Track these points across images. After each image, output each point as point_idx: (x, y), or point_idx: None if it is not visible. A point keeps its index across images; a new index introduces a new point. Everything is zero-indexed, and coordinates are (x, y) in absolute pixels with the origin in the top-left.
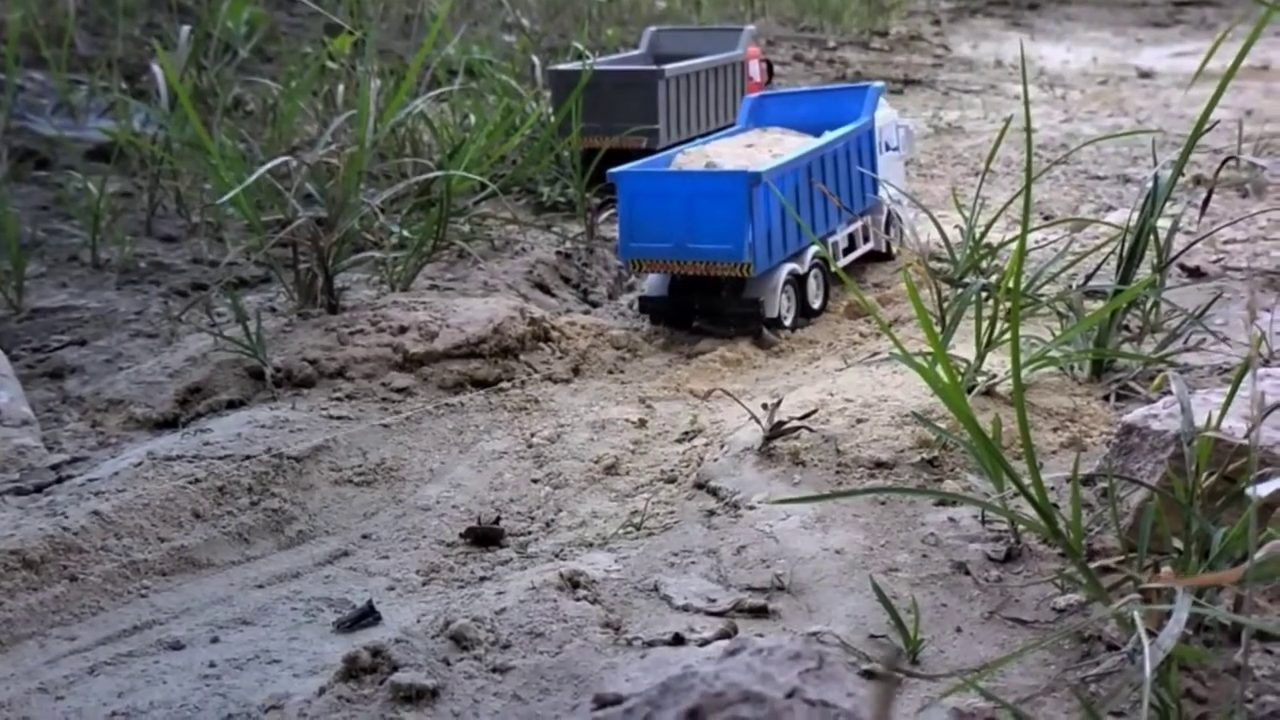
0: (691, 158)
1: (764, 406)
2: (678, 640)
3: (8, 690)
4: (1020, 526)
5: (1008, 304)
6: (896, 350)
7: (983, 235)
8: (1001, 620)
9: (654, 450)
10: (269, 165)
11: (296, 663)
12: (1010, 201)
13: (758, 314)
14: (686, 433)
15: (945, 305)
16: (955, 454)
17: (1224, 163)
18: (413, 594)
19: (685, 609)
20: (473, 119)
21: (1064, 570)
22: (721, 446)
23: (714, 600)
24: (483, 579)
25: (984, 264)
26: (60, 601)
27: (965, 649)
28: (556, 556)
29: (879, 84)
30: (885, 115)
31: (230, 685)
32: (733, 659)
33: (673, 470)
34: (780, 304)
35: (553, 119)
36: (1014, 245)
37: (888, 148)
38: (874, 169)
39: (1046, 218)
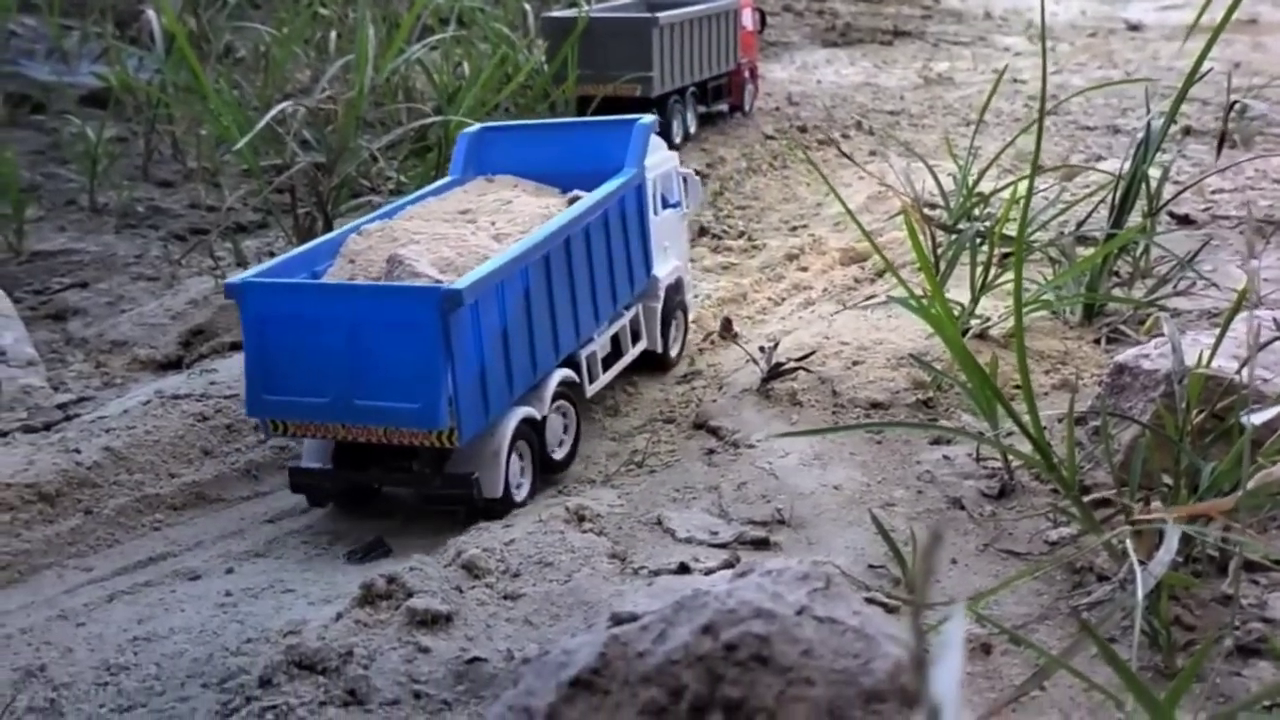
0: (370, 242)
1: (761, 349)
2: (683, 569)
3: (29, 617)
4: (1014, 463)
5: (1001, 250)
6: (893, 294)
7: (975, 183)
8: (996, 553)
9: (652, 392)
10: (274, 111)
11: (310, 591)
12: (1002, 151)
13: (470, 496)
14: (685, 375)
15: (940, 251)
16: (949, 395)
17: (1230, 108)
18: (421, 524)
19: (689, 541)
20: (466, 67)
21: (1057, 504)
22: (720, 388)
23: (716, 533)
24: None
25: (976, 211)
26: (76, 534)
27: (961, 580)
28: (561, 493)
29: (648, 118)
30: (660, 161)
31: (247, 612)
32: (743, 580)
33: (672, 411)
34: (507, 474)
35: (547, 67)
36: (1005, 193)
37: (665, 204)
38: (646, 239)
39: (1039, 167)
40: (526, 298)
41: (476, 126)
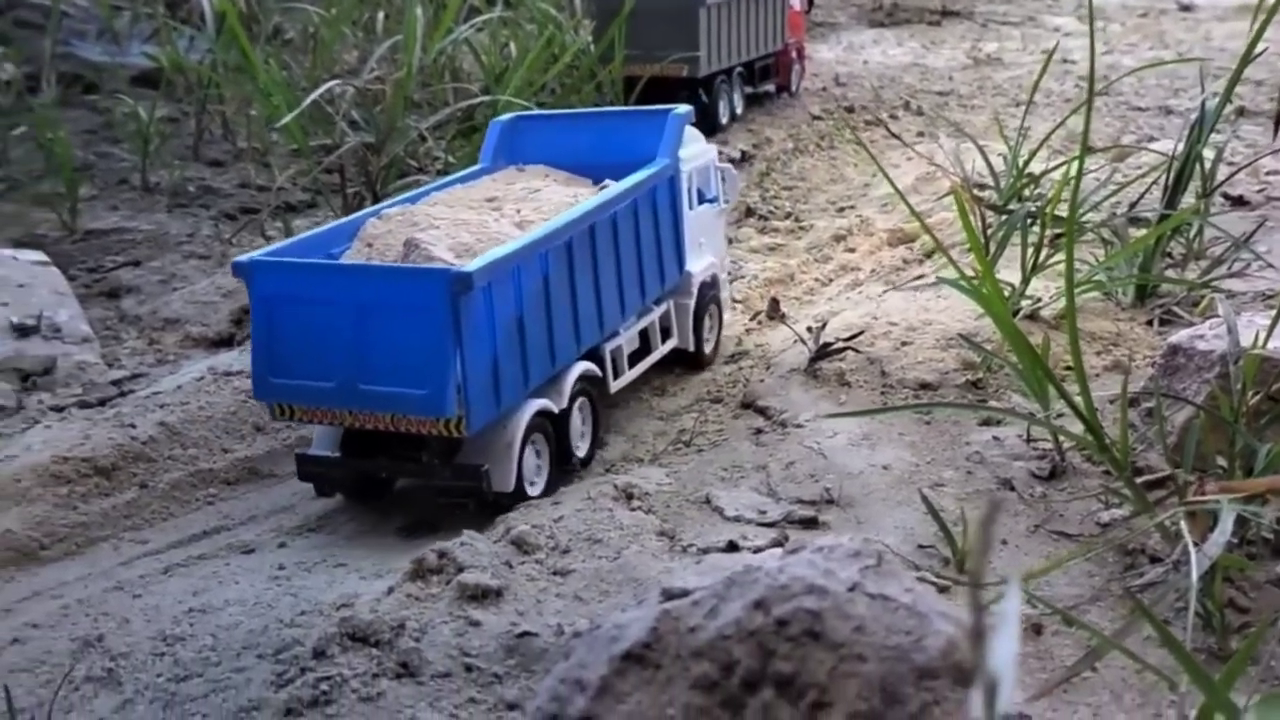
0: (390, 226)
1: (809, 329)
2: (732, 547)
3: (86, 589)
4: (1065, 444)
5: (1052, 230)
6: (942, 275)
7: (1025, 164)
8: (1046, 534)
9: (699, 372)
10: (321, 89)
11: (362, 566)
12: (1052, 131)
13: (479, 489)
14: (732, 355)
15: (989, 232)
16: (999, 376)
17: None
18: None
19: (737, 520)
20: (513, 48)
21: (1109, 486)
22: (767, 368)
23: (764, 512)
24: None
25: (1026, 192)
26: (132, 507)
27: (1012, 560)
28: (608, 471)
29: (683, 108)
30: (697, 153)
31: (300, 585)
32: (795, 556)
33: (719, 391)
34: (520, 468)
35: (593, 47)
36: (1055, 174)
37: (701, 198)
38: (679, 233)
39: (1080, 150)
40: (546, 285)
41: (509, 115)
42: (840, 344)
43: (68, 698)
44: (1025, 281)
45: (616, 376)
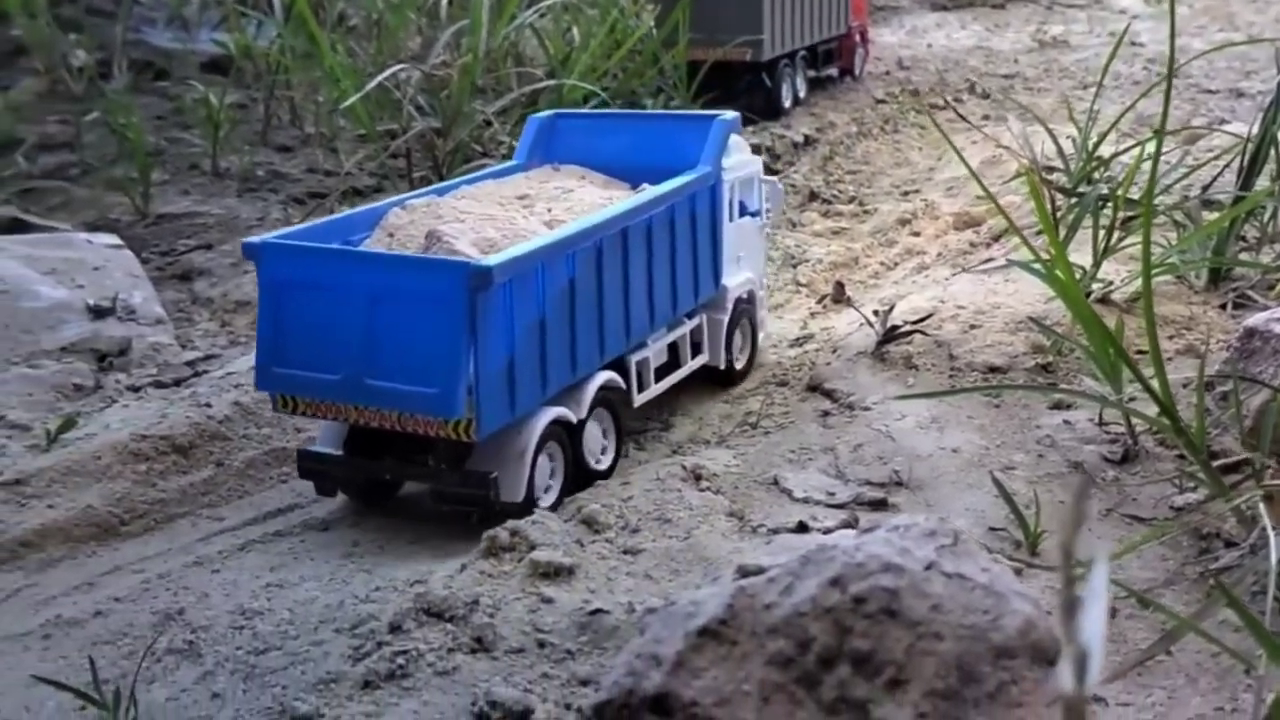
0: (413, 217)
1: (875, 313)
2: (802, 528)
3: (166, 564)
4: (1137, 428)
5: (1124, 213)
6: (1012, 257)
7: (1095, 146)
8: (1119, 517)
9: (764, 355)
10: (387, 73)
11: (435, 543)
12: (1124, 113)
13: (487, 498)
14: (797, 338)
15: (1059, 215)
16: (1069, 360)
17: None
18: None
19: (805, 501)
20: (575, 33)
21: (1183, 469)
22: (834, 351)
23: (833, 494)
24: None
25: (1096, 175)
26: (209, 484)
27: (1084, 544)
28: (675, 452)
29: (729, 114)
30: (741, 163)
31: (374, 562)
32: (870, 535)
33: (785, 374)
34: (532, 479)
35: (656, 31)
36: (1125, 157)
37: (743, 211)
38: (716, 245)
39: (1156, 131)
40: (571, 287)
41: (548, 112)
42: (908, 327)
43: (150, 669)
44: (1096, 265)
45: (641, 390)
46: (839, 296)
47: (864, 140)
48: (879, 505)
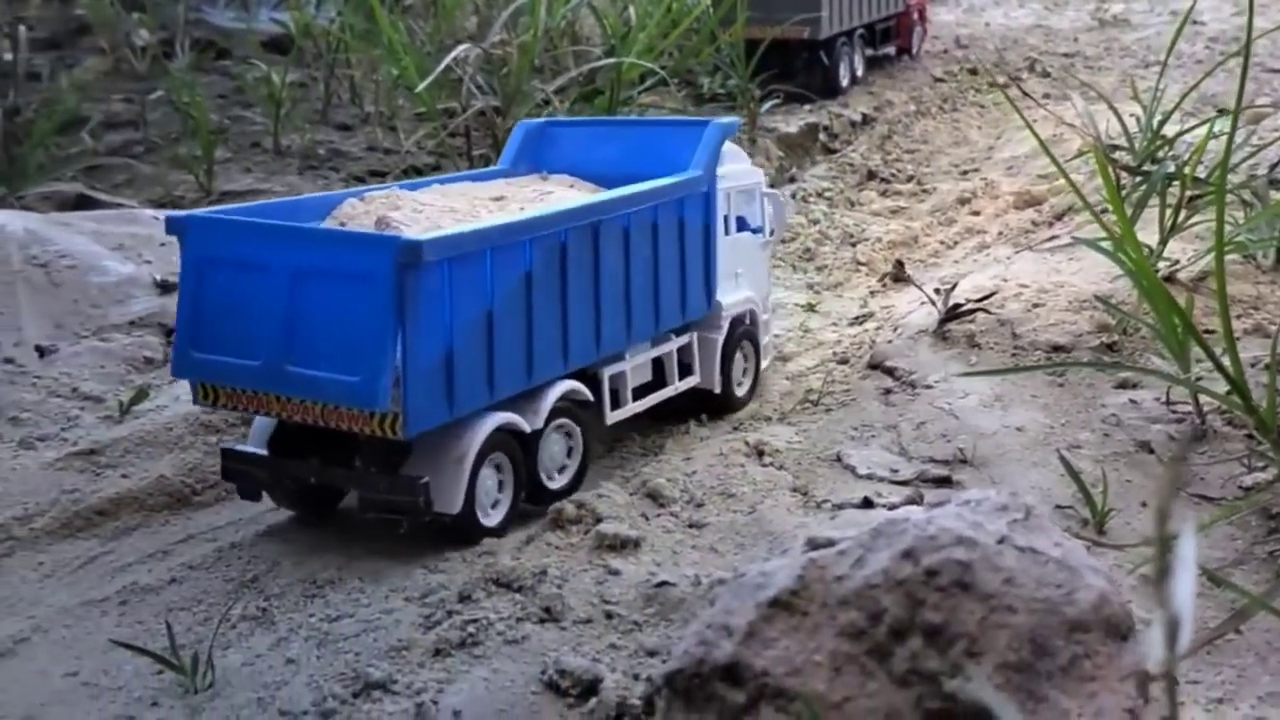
0: (369, 208)
1: (937, 291)
2: (867, 504)
3: (238, 533)
4: (1205, 407)
5: (1191, 192)
6: (1078, 235)
7: (1160, 125)
8: (1188, 497)
9: (824, 334)
10: (453, 54)
11: None
12: (1189, 92)
13: (416, 505)
14: (857, 317)
15: (1124, 193)
16: (1134, 339)
17: None
18: (599, 460)
19: (869, 478)
20: (632, 11)
21: (1253, 448)
22: (894, 330)
23: (896, 470)
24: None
25: (1160, 154)
26: None
27: (1153, 522)
28: (736, 429)
29: (726, 121)
30: (739, 174)
31: (440, 533)
32: (941, 509)
33: (845, 352)
34: (472, 490)
35: (713, 10)
36: (1190, 136)
37: (742, 225)
38: (709, 258)
39: (1220, 110)
40: (528, 281)
41: (538, 120)
42: (970, 305)
43: (225, 634)
44: (1163, 243)
45: (616, 406)
46: (899, 275)
47: (922, 119)
48: (943, 482)
